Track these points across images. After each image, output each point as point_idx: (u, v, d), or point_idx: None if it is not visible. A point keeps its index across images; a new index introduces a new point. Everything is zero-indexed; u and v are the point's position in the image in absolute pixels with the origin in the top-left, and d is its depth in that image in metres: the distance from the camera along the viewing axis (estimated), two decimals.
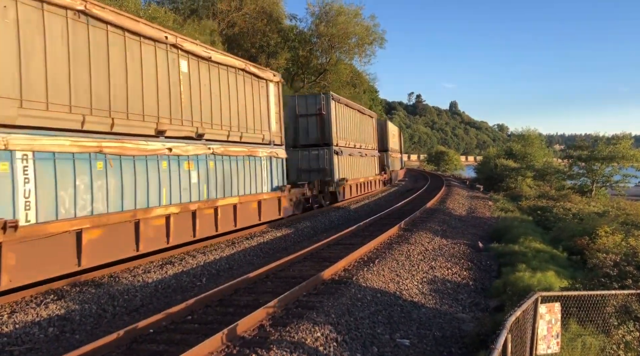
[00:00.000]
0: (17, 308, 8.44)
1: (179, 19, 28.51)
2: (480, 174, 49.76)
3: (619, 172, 37.23)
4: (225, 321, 7.64)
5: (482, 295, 10.89)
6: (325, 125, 24.42)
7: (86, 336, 7.70)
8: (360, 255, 12.64)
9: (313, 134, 24.47)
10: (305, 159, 24.40)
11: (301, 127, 24.56)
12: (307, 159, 24.37)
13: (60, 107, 9.46)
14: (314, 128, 24.51)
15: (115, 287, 9.83)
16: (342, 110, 26.55)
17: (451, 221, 20.06)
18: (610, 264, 9.95)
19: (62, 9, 9.55)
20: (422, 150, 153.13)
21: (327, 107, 24.27)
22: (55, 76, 9.36)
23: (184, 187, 13.04)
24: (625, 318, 7.70)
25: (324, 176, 23.73)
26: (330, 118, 24.30)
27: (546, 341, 6.22)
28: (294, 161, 24.01)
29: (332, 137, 24.38)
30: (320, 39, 40.15)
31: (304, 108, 24.51)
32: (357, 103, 32.43)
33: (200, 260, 12.31)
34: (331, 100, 24.47)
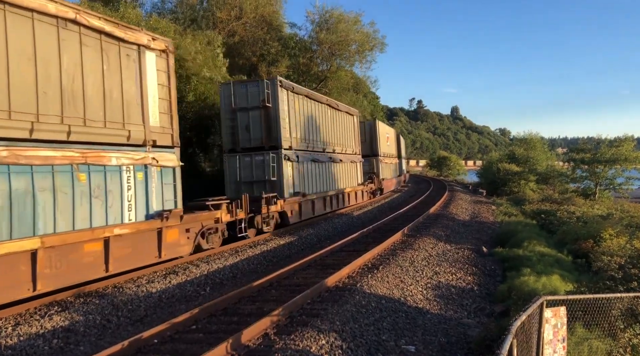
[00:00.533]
0: (21, 320, 8.44)
1: (180, 29, 28.63)
2: (483, 179, 49.67)
3: (622, 175, 37.11)
4: (230, 331, 7.62)
5: (487, 300, 10.84)
6: (271, 122, 18.73)
7: (90, 348, 7.69)
8: (364, 261, 12.61)
9: (257, 134, 18.83)
10: (247, 168, 18.79)
11: (240, 125, 18.93)
12: (249, 167, 18.76)
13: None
14: (257, 126, 18.79)
15: (119, 298, 9.83)
16: (299, 102, 20.86)
17: (455, 226, 20.01)
18: (616, 267, 9.90)
19: None
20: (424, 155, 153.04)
21: (273, 96, 18.59)
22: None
23: None
24: (632, 321, 7.64)
25: (271, 189, 18.22)
26: (278, 112, 18.62)
27: (552, 345, 6.18)
28: (232, 170, 18.89)
29: (282, 137, 18.70)
30: (320, 46, 40.24)
31: (244, 98, 18.76)
32: (329, 98, 26.49)
33: (204, 269, 12.30)
34: (279, 87, 18.73)
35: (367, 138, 35.23)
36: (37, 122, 9.25)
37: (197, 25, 33.38)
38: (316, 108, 23.07)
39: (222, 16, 34.68)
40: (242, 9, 35.57)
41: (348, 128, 28.61)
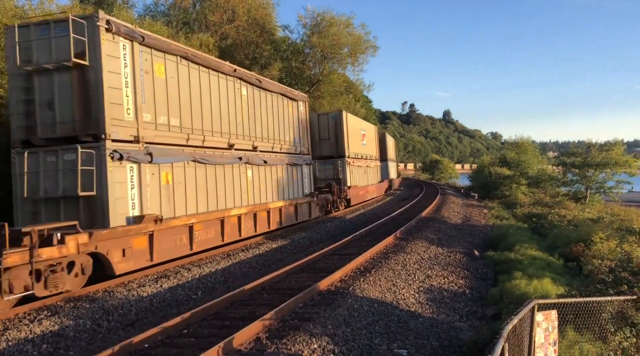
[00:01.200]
0: (9, 325, 8.35)
1: (172, 31, 28.60)
2: (474, 182, 49.86)
3: (612, 178, 37.42)
4: (222, 335, 7.57)
5: (479, 303, 10.87)
6: (90, 93, 11.02)
7: (80, 353, 7.62)
8: (357, 265, 12.61)
9: (66, 115, 11.20)
10: (50, 174, 11.08)
11: (40, 99, 11.31)
12: (53, 174, 11.06)
13: None
14: (66, 101, 11.18)
15: (110, 302, 9.75)
16: (164, 65, 12.93)
17: (447, 229, 20.07)
18: (606, 270, 9.99)
19: None
20: (417, 159, 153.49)
21: (93, 49, 10.88)
22: None
23: None
24: (622, 324, 7.70)
25: (88, 213, 10.94)
26: (101, 76, 10.88)
27: (543, 349, 6.21)
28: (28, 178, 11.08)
29: (107, 118, 10.93)
30: (312, 49, 40.34)
31: (46, 53, 11.05)
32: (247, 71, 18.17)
33: (195, 273, 12.24)
34: (104, 32, 10.90)
35: (330, 134, 28.46)
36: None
37: (190, 28, 33.36)
38: (210, 81, 15.11)
39: (215, 19, 34.67)
40: (235, 12, 35.58)
41: (285, 118, 20.52)
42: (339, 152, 28.18)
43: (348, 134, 28.87)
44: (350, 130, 29.77)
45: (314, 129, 27.11)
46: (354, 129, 30.95)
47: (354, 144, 30.59)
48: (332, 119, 28.45)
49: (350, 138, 29.31)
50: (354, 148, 30.39)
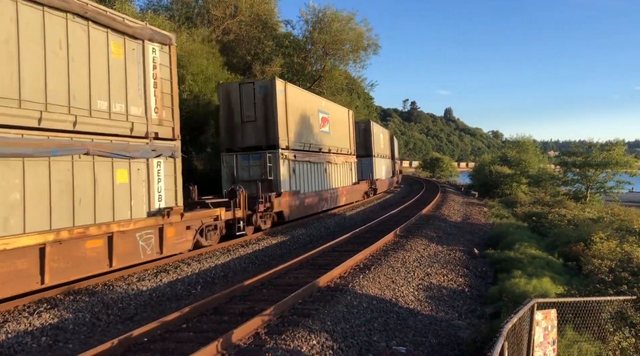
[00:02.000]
0: (9, 317, 8.35)
1: (175, 26, 28.51)
2: (475, 181, 49.85)
3: (613, 178, 37.39)
4: (221, 330, 7.58)
5: (478, 302, 10.87)
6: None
7: (80, 346, 7.62)
8: (356, 262, 12.61)
9: None
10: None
11: None
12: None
13: None
14: None
15: (109, 295, 9.75)
16: None
17: (446, 227, 20.06)
18: (606, 270, 9.98)
19: None
20: (417, 156, 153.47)
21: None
22: None
23: None
24: (621, 324, 7.70)
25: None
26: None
27: (542, 348, 6.20)
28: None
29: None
30: (314, 45, 40.22)
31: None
32: None
33: (195, 268, 12.24)
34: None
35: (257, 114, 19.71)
36: None
37: (192, 22, 33.25)
38: None
39: (217, 14, 34.57)
40: (237, 7, 35.47)
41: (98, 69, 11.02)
42: (270, 141, 19.47)
43: (288, 114, 20.18)
44: (294, 109, 20.93)
45: (232, 106, 19.62)
46: (300, 108, 21.84)
47: (302, 129, 21.89)
48: (261, 91, 19.53)
49: (292, 120, 20.64)
50: (299, 135, 21.50)
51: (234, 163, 19.57)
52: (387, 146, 45.18)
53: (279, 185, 19.28)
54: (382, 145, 41.99)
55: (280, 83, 20.04)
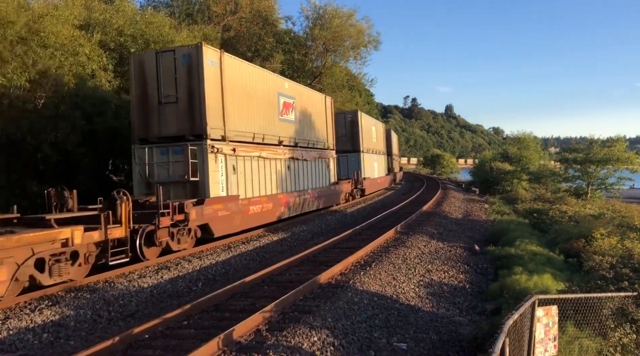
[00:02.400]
0: (10, 314, 8.37)
1: (175, 22, 28.46)
2: (476, 177, 49.82)
3: (614, 175, 37.34)
4: (222, 326, 7.59)
5: (479, 298, 10.88)
6: None
7: (81, 342, 7.64)
8: (357, 258, 12.61)
9: None
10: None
11: None
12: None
13: None
14: None
15: (111, 292, 9.77)
16: None
17: (447, 224, 20.07)
18: (607, 266, 9.97)
19: None
20: (418, 153, 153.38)
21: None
22: None
23: None
24: (622, 320, 7.70)
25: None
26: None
27: (543, 344, 6.20)
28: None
29: None
30: (315, 42, 40.19)
31: None
32: None
33: (196, 265, 12.25)
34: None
35: None
36: None
37: (193, 19, 33.22)
38: None
39: (218, 10, 34.53)
40: (238, 3, 35.44)
41: None
42: (195, 130, 14.64)
43: (225, 94, 15.27)
44: (235, 88, 16.05)
45: (147, 82, 14.93)
46: (247, 87, 16.90)
47: (249, 116, 17.09)
48: (184, 61, 14.62)
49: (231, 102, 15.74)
50: (243, 123, 16.63)
51: (146, 159, 14.72)
52: (381, 141, 40.52)
53: (206, 189, 14.47)
54: (375, 139, 37.34)
55: (212, 51, 14.98)
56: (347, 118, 31.59)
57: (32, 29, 16.64)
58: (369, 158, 33.80)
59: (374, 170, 35.72)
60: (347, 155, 30.95)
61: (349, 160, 31.11)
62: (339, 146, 28.80)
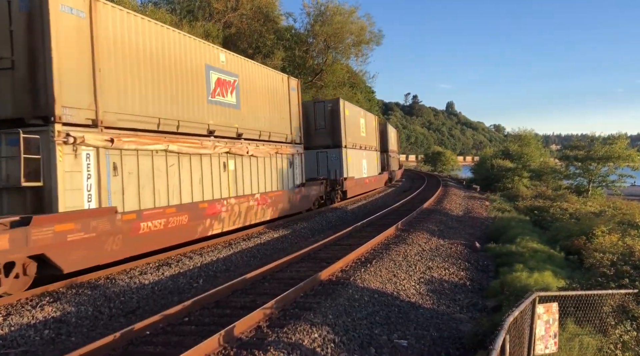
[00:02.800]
0: (12, 310, 8.39)
1: (176, 19, 28.45)
2: (476, 174, 49.81)
3: (615, 172, 37.32)
4: (223, 323, 7.60)
5: (480, 295, 10.88)
6: None
7: (82, 339, 7.66)
8: (358, 255, 12.62)
9: None
10: None
11: None
12: None
13: None
14: None
15: (112, 289, 9.79)
16: None
17: (448, 221, 20.07)
18: (607, 264, 9.99)
19: None
20: (419, 150, 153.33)
21: None
22: None
23: None
24: (623, 317, 7.71)
25: None
26: None
27: (544, 341, 6.21)
28: None
29: None
30: (316, 39, 40.16)
31: None
32: None
33: (197, 262, 12.27)
34: None
35: None
36: None
37: (194, 16, 33.17)
38: None
39: (219, 7, 34.49)
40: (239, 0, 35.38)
41: None
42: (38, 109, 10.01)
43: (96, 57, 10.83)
44: (121, 50, 11.60)
45: None
46: (144, 51, 12.32)
47: (148, 93, 12.43)
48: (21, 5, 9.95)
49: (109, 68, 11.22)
50: (136, 102, 12.04)
51: None
52: (372, 135, 36.11)
53: (53, 199, 9.86)
54: (364, 133, 32.91)
55: None
56: (326, 107, 26.80)
57: None
58: (355, 154, 29.42)
59: (362, 169, 31.30)
60: (326, 151, 26.54)
61: (329, 156, 26.56)
62: (317, 140, 25.95)
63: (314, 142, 25.37)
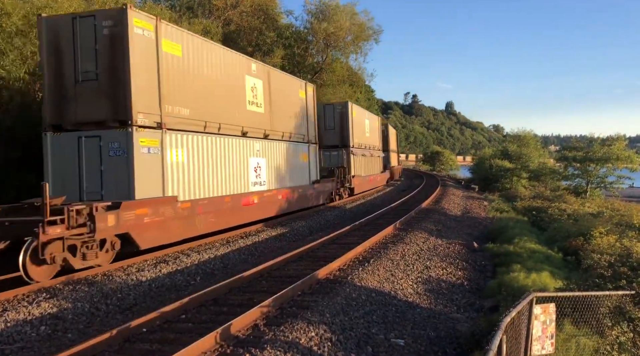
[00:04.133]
0: (8, 306, 8.37)
1: (175, 16, 28.37)
2: (475, 174, 49.81)
3: (613, 173, 37.35)
4: (220, 321, 7.59)
5: (477, 295, 10.88)
6: None
7: (78, 335, 7.64)
8: (356, 254, 12.62)
9: None
10: None
11: None
12: None
13: None
14: None
15: (109, 285, 9.77)
16: None
17: (446, 221, 20.07)
18: (605, 265, 9.98)
19: None
20: (418, 150, 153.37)
21: None
22: None
23: None
24: (619, 319, 7.71)
25: None
26: None
27: (541, 341, 6.21)
28: None
29: None
30: (315, 37, 40.12)
31: None
32: None
33: (194, 259, 12.25)
34: None
35: None
36: None
37: (193, 12, 33.10)
38: None
39: (219, 4, 34.42)
40: None
41: None
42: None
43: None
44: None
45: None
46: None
47: None
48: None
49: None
50: None
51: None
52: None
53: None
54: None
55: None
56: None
57: (31, 21, 16.50)
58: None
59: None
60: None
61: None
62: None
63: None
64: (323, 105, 28.80)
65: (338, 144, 28.07)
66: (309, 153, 22.93)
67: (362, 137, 31.72)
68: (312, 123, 23.48)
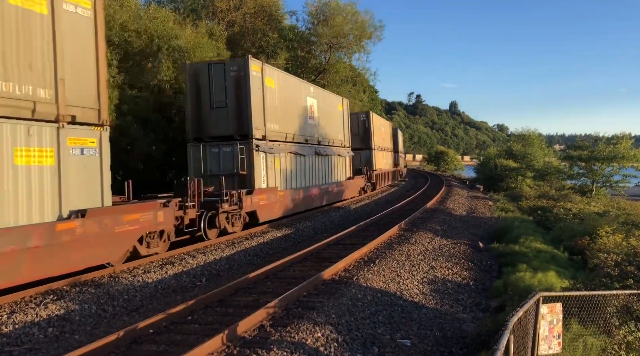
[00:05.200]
0: (16, 308, 8.42)
1: (179, 18, 28.42)
2: (480, 174, 49.69)
3: (619, 172, 37.20)
4: (226, 322, 7.61)
5: (483, 295, 10.86)
6: None
7: (86, 337, 7.68)
8: (361, 255, 12.61)
9: None
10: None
11: None
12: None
13: None
14: None
15: (115, 287, 9.81)
16: None
17: (451, 221, 20.03)
18: (612, 264, 9.93)
19: None
20: (422, 150, 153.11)
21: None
22: None
23: None
24: (627, 318, 7.67)
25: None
26: None
27: (548, 341, 6.19)
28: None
29: None
30: (318, 38, 40.12)
31: None
32: None
33: (200, 260, 12.28)
34: None
35: None
36: None
37: (197, 15, 33.14)
38: None
39: (222, 6, 34.46)
40: None
41: None
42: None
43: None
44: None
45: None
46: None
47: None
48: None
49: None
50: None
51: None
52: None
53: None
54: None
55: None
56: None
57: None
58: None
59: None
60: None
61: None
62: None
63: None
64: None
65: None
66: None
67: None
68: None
